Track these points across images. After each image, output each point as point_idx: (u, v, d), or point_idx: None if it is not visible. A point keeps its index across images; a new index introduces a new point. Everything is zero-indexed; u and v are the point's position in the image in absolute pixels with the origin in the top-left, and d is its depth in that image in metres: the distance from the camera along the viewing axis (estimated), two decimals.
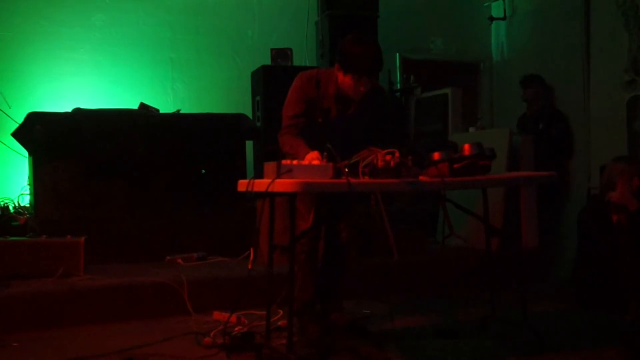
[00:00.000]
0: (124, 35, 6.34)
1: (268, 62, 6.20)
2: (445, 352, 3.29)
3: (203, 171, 5.27)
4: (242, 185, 3.03)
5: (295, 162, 2.88)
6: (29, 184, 5.20)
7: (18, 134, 4.92)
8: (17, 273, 4.03)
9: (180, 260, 4.71)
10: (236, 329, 3.55)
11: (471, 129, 6.06)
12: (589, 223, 4.26)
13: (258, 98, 6.14)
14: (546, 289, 4.72)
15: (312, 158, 3.02)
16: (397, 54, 7.30)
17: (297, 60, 6.45)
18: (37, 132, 4.79)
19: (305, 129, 3.31)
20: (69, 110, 5.10)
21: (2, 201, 5.35)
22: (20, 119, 4.98)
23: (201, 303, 4.00)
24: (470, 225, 4.76)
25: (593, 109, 5.95)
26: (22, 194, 5.51)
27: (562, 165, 6.05)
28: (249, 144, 5.84)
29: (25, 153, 5.25)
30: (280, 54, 6.24)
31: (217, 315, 3.86)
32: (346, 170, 2.80)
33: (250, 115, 6.05)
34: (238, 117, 5.49)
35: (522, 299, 3.39)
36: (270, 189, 2.77)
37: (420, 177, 2.96)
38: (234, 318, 3.62)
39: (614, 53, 5.70)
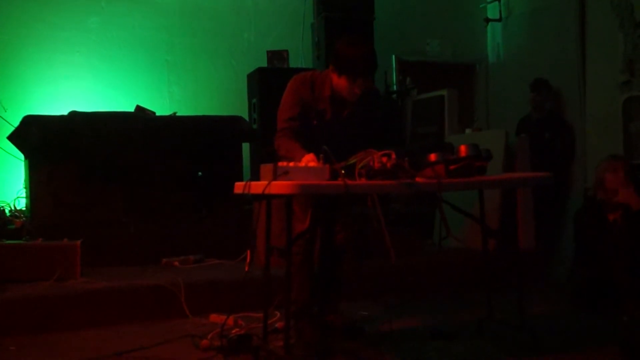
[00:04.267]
0: (119, 38, 6.35)
1: (264, 64, 6.20)
2: (442, 353, 3.29)
3: (199, 174, 5.27)
4: (239, 187, 3.02)
5: (291, 164, 2.88)
6: (25, 187, 5.20)
7: (14, 137, 4.92)
8: (13, 277, 4.02)
9: (176, 263, 4.71)
10: (233, 331, 3.53)
11: (467, 131, 6.06)
12: (584, 223, 4.27)
13: (254, 100, 6.14)
14: (543, 290, 4.72)
15: (309, 160, 3.02)
16: (393, 56, 7.31)
17: (293, 62, 6.45)
18: (33, 135, 4.78)
19: (301, 131, 3.30)
20: (65, 113, 5.09)
21: None
22: (16, 122, 4.98)
23: (198, 306, 4.00)
24: (466, 227, 4.76)
25: (589, 110, 5.96)
26: (18, 197, 5.50)
27: (562, 169, 6.06)
28: (246, 146, 5.84)
29: (21, 156, 5.24)
30: (277, 56, 6.25)
31: (214, 317, 3.85)
32: (342, 172, 2.80)
33: (246, 117, 6.04)
34: (234, 120, 5.49)
35: (519, 301, 3.39)
36: (266, 191, 2.77)
37: (417, 179, 2.95)
38: (231, 320, 3.61)
39: (609, 54, 5.72)
